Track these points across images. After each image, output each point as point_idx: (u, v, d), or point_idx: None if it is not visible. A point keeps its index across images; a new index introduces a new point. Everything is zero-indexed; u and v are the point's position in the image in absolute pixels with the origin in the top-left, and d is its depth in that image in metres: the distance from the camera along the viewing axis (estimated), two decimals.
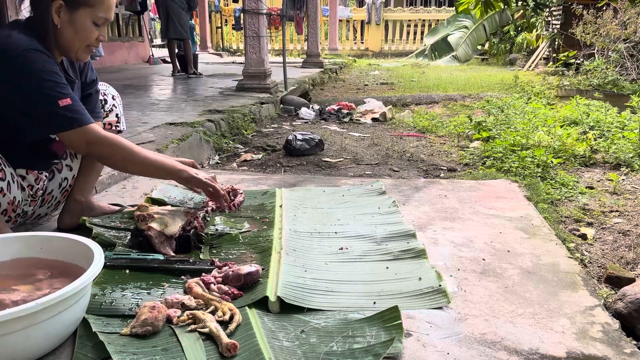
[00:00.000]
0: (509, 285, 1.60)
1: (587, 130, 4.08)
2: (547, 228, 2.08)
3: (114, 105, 1.98)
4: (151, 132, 3.41)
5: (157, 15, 12.02)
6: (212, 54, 13.49)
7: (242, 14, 8.56)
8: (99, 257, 1.29)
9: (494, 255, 1.82)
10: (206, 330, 1.28)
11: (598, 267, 1.96)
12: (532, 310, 1.46)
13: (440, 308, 1.45)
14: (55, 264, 1.40)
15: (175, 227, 1.73)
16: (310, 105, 5.66)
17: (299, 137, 3.64)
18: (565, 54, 8.39)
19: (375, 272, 1.65)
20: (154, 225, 1.70)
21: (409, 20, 16.28)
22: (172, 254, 1.72)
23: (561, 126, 4.15)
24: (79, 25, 1.60)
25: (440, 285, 1.53)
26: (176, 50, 7.79)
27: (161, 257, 1.67)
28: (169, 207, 1.84)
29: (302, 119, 5.14)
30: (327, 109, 5.45)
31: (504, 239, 1.96)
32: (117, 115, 1.99)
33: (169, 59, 8.76)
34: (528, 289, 1.59)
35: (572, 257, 1.83)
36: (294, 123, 4.93)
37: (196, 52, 8.22)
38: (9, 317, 1.04)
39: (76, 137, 1.58)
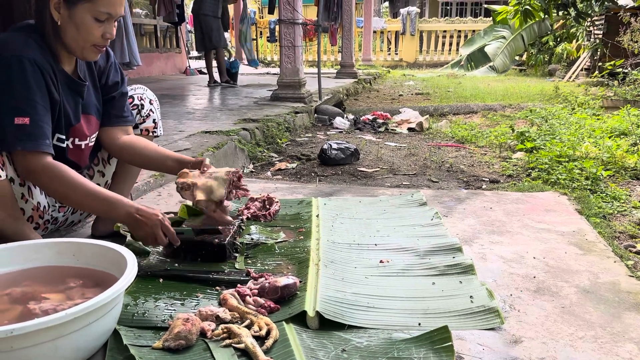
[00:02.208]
0: (566, 305, 1.48)
1: (638, 141, 3.87)
2: (603, 244, 1.94)
3: (150, 110, 1.93)
4: (187, 140, 3.39)
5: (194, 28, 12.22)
6: (246, 65, 13.60)
7: (276, 26, 8.57)
8: (132, 265, 1.24)
9: (548, 272, 1.69)
10: (242, 345, 1.20)
11: None
12: (593, 334, 1.33)
13: (492, 329, 1.34)
14: (87, 272, 1.35)
15: (220, 190, 1.63)
16: (345, 115, 5.59)
17: (334, 146, 3.56)
18: (612, 62, 8.07)
19: (420, 288, 1.54)
20: (200, 195, 1.61)
21: (444, 31, 16.10)
22: (230, 219, 1.68)
23: (609, 137, 3.95)
24: (79, 22, 1.48)
25: (492, 304, 1.42)
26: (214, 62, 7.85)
27: (190, 231, 1.64)
28: (209, 170, 1.71)
29: (337, 128, 5.07)
30: (361, 118, 5.36)
31: (557, 254, 1.83)
32: (154, 120, 1.95)
33: (205, 70, 8.86)
34: (587, 309, 1.46)
35: (632, 276, 1.68)
36: (328, 132, 4.86)
37: (238, 63, 8.28)
38: (37, 327, 0.99)
39: (19, 160, 1.46)
